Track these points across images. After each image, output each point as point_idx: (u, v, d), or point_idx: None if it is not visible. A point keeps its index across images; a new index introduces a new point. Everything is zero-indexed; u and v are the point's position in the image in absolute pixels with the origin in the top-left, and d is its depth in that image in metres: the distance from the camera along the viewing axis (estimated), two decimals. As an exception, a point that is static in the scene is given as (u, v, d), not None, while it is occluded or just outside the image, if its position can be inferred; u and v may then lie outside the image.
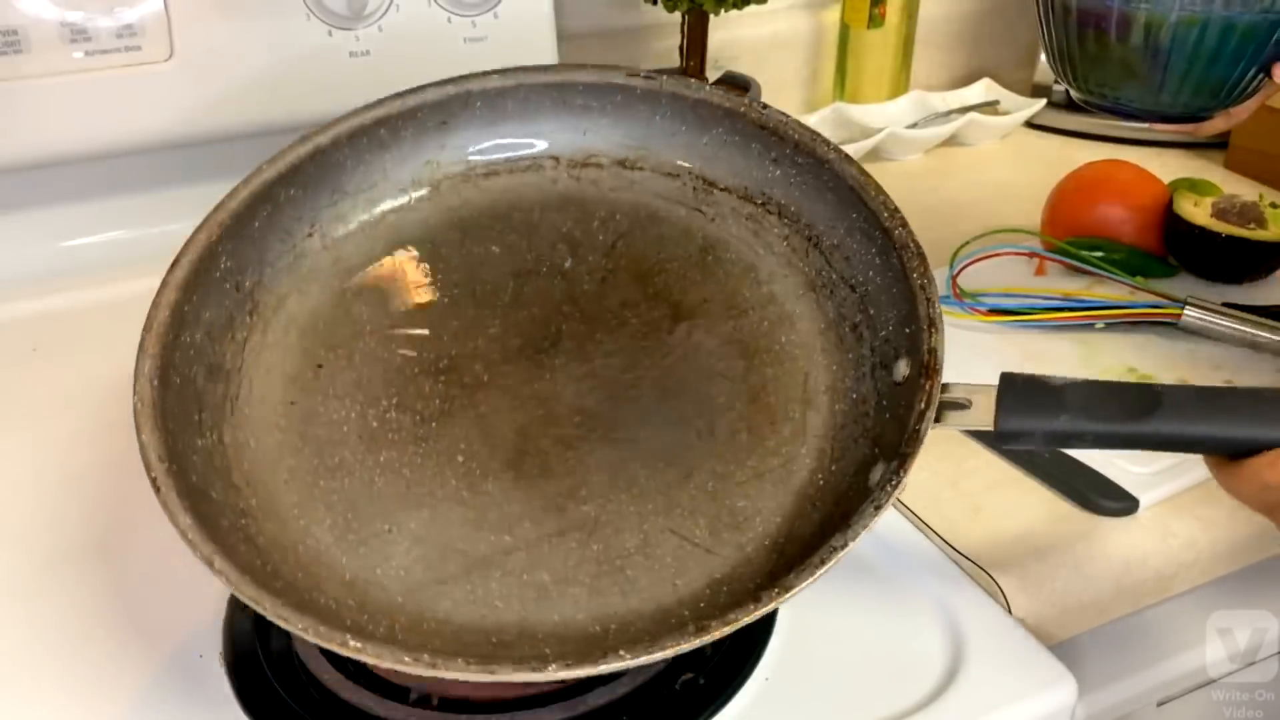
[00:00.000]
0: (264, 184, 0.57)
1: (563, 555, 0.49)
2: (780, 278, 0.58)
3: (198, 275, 0.53)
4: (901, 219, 0.53)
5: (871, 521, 0.45)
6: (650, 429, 0.54)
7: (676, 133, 0.61)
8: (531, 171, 0.62)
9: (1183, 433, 0.47)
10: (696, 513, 0.51)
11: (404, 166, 0.61)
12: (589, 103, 0.61)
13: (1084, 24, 0.68)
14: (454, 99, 0.60)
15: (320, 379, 0.54)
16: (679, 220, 0.60)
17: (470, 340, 0.56)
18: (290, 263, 0.57)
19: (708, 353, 0.56)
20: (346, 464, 0.52)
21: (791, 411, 0.54)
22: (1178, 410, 0.47)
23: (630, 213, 0.61)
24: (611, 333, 0.57)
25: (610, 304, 0.58)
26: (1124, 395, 0.48)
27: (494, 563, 0.49)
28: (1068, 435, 0.48)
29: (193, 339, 0.52)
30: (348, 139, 0.59)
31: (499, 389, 0.55)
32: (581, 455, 0.53)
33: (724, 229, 0.60)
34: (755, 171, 0.59)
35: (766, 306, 0.57)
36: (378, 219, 0.60)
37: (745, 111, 0.59)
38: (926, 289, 0.51)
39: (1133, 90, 0.69)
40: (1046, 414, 0.47)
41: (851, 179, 0.55)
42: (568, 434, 0.53)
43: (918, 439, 0.47)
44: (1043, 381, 0.48)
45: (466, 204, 0.61)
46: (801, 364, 0.55)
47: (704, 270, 0.59)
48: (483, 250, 0.60)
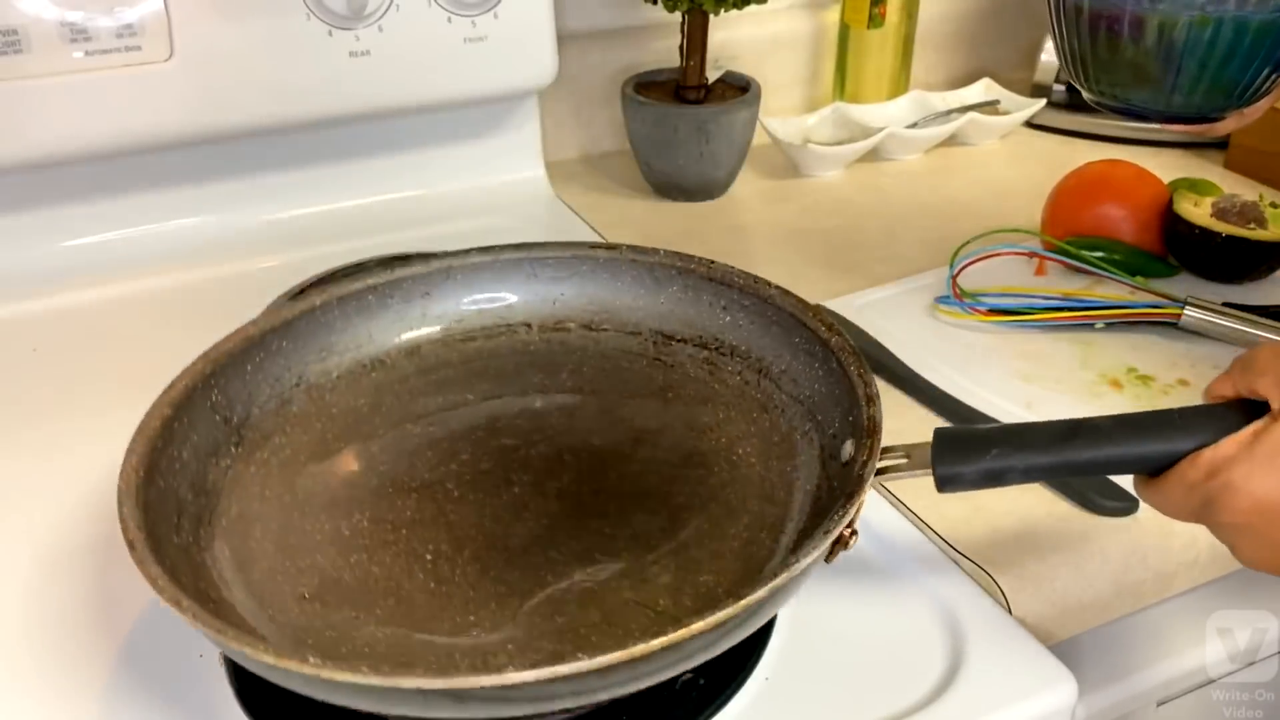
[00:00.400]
0: (260, 332, 0.62)
1: (526, 628, 0.51)
2: (735, 405, 0.64)
3: (190, 399, 0.57)
4: (838, 330, 0.60)
5: (804, 562, 0.47)
6: (613, 525, 0.57)
7: (637, 295, 0.68)
8: (505, 336, 0.69)
9: (1102, 455, 0.50)
10: (661, 588, 0.53)
11: (389, 330, 0.67)
12: (558, 274, 0.69)
13: (1096, 25, 0.68)
14: (436, 272, 0.68)
15: (298, 499, 0.58)
16: (641, 369, 0.67)
17: (442, 465, 0.60)
18: (276, 407, 0.62)
19: (668, 464, 0.60)
20: (317, 565, 0.54)
21: (750, 505, 0.58)
22: (1095, 435, 0.51)
23: (596, 364, 0.67)
24: (577, 454, 0.61)
25: (577, 431, 0.63)
26: (1045, 429, 0.52)
27: (459, 637, 0.51)
28: (999, 471, 0.51)
29: (179, 455, 0.55)
30: (338, 302, 0.65)
31: (468, 502, 0.58)
32: (546, 548, 0.55)
33: (682, 372, 0.66)
34: (707, 321, 0.67)
35: (723, 427, 0.62)
36: (361, 375, 0.65)
37: (696, 269, 0.67)
38: (863, 375, 0.56)
39: (1145, 91, 0.69)
40: (976, 455, 0.51)
41: (791, 308, 0.63)
42: (534, 531, 0.56)
43: (862, 483, 0.50)
44: (971, 429, 0.53)
45: (445, 364, 0.67)
46: (758, 469, 0.60)
47: (664, 403, 0.65)
48: (458, 396, 0.65)
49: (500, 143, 1.00)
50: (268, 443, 0.60)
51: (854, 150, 1.05)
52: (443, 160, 0.98)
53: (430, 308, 0.68)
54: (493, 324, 0.69)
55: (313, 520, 0.56)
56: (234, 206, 0.92)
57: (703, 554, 0.55)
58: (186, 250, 0.90)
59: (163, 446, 0.54)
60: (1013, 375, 0.74)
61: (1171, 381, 0.73)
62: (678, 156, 0.98)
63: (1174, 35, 0.65)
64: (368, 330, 0.66)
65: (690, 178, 0.99)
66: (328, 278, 0.85)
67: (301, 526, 0.56)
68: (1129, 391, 0.73)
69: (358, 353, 0.66)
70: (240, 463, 0.58)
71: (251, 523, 0.56)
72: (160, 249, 0.89)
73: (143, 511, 0.49)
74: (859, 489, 0.50)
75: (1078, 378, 0.74)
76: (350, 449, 0.61)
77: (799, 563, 0.46)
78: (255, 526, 0.56)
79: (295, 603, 0.52)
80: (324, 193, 0.95)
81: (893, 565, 0.59)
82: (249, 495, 0.57)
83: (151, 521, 0.50)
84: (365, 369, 0.66)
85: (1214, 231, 0.82)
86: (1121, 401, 0.72)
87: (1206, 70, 0.66)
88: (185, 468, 0.55)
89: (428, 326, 0.68)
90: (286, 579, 0.53)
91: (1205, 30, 0.64)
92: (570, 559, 0.54)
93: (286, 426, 0.61)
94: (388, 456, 0.61)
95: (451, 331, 0.68)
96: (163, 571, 0.46)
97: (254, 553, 0.54)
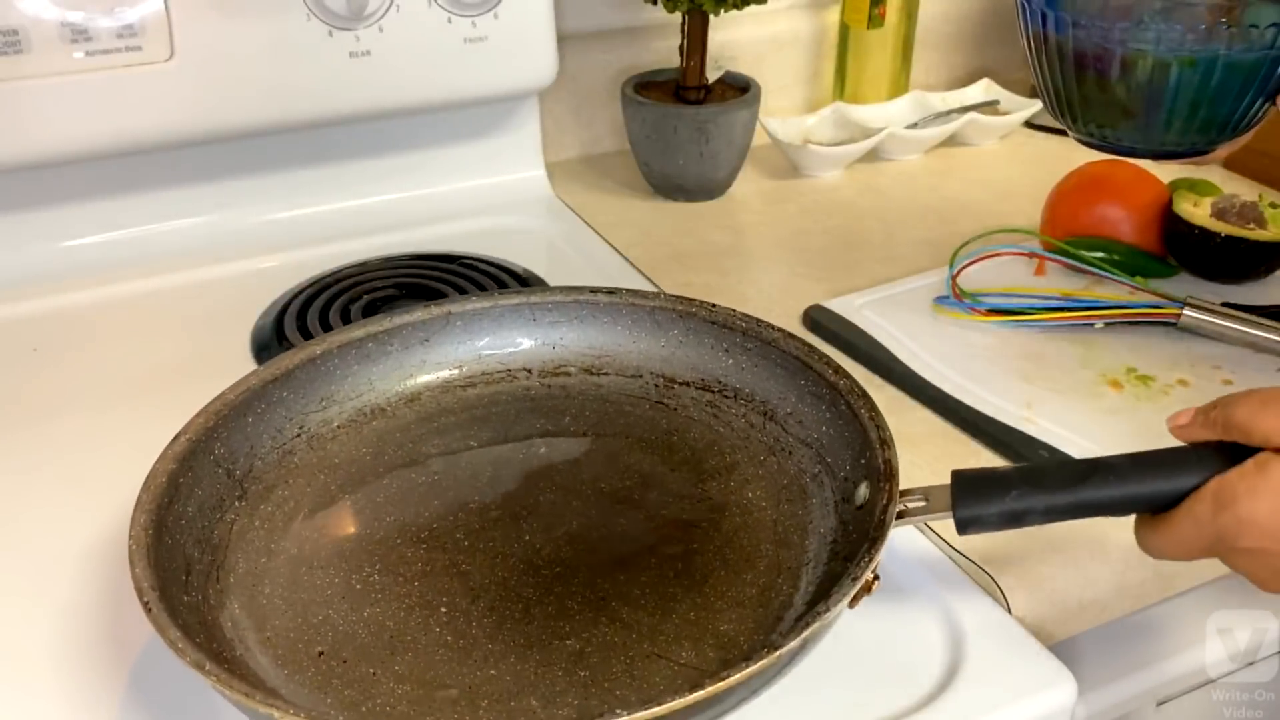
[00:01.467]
0: (261, 382, 0.62)
1: (549, 682, 0.50)
2: (741, 448, 0.63)
3: (194, 454, 0.57)
4: (845, 373, 0.60)
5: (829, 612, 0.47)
6: (628, 572, 0.56)
7: (638, 338, 0.68)
8: (506, 382, 0.69)
9: (1119, 493, 0.51)
10: (681, 638, 0.53)
11: (389, 378, 0.67)
12: (557, 319, 0.69)
13: (1082, 66, 0.67)
14: (436, 319, 0.68)
15: (304, 552, 0.57)
16: (644, 412, 0.67)
17: (450, 515, 0.60)
18: (278, 459, 0.62)
19: (679, 509, 0.60)
20: (330, 620, 0.54)
21: (765, 550, 0.57)
22: (1111, 472, 0.51)
23: (598, 408, 0.67)
24: (585, 499, 0.61)
25: (584, 477, 0.62)
26: (1063, 469, 0.53)
27: (480, 692, 0.50)
28: (1019, 513, 0.51)
29: (184, 510, 0.55)
30: (338, 350, 0.65)
31: (479, 550, 0.57)
32: (562, 598, 0.54)
33: (686, 415, 0.66)
34: (710, 364, 0.66)
35: (731, 472, 0.62)
36: (362, 424, 0.65)
37: (697, 312, 0.67)
38: (875, 418, 0.56)
39: (1135, 130, 0.68)
40: (996, 497, 0.51)
41: (795, 351, 0.63)
42: (548, 580, 0.56)
43: (884, 528, 0.50)
44: (989, 470, 0.53)
45: (446, 411, 0.67)
46: (769, 513, 0.59)
47: (670, 449, 0.64)
48: (461, 444, 0.65)
49: (500, 143, 1.00)
50: (271, 495, 0.60)
51: (854, 150, 1.05)
52: (443, 160, 0.98)
53: (430, 354, 0.68)
54: (493, 369, 0.68)
55: (322, 574, 0.56)
56: (234, 206, 0.92)
57: (721, 602, 0.54)
58: (186, 250, 0.90)
59: (169, 503, 0.53)
60: (1013, 375, 0.74)
61: (1171, 381, 0.74)
62: (678, 156, 0.98)
63: (1163, 76, 0.64)
64: (368, 378, 0.66)
65: (690, 178, 0.99)
66: (329, 279, 0.86)
67: (311, 581, 0.56)
68: (1129, 391, 0.73)
69: (358, 401, 0.65)
70: (244, 516, 0.58)
71: (260, 578, 0.55)
72: (160, 249, 0.90)
73: (155, 571, 0.49)
74: (881, 535, 0.50)
75: (1077, 378, 0.74)
76: (355, 499, 0.61)
77: (829, 611, 0.46)
78: (264, 582, 0.55)
79: (311, 660, 0.51)
80: (324, 193, 0.95)
81: (893, 565, 0.59)
82: (255, 550, 0.57)
83: (164, 581, 0.49)
84: (366, 417, 0.65)
85: (1213, 231, 0.82)
86: (1121, 401, 0.72)
87: (1198, 109, 0.65)
88: (191, 523, 0.55)
89: (428, 374, 0.68)
90: (300, 635, 0.53)
91: (1195, 70, 0.63)
92: (586, 609, 0.54)
93: (289, 478, 0.61)
94: (393, 507, 0.60)
95: (452, 378, 0.68)
96: (182, 634, 0.46)
97: (265, 609, 0.54)
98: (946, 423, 0.70)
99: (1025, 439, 0.68)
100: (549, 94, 1.01)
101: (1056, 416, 0.70)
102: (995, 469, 0.53)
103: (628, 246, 0.93)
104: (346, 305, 0.81)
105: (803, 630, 0.45)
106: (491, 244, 0.91)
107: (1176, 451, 0.51)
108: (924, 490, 0.53)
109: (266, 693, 0.47)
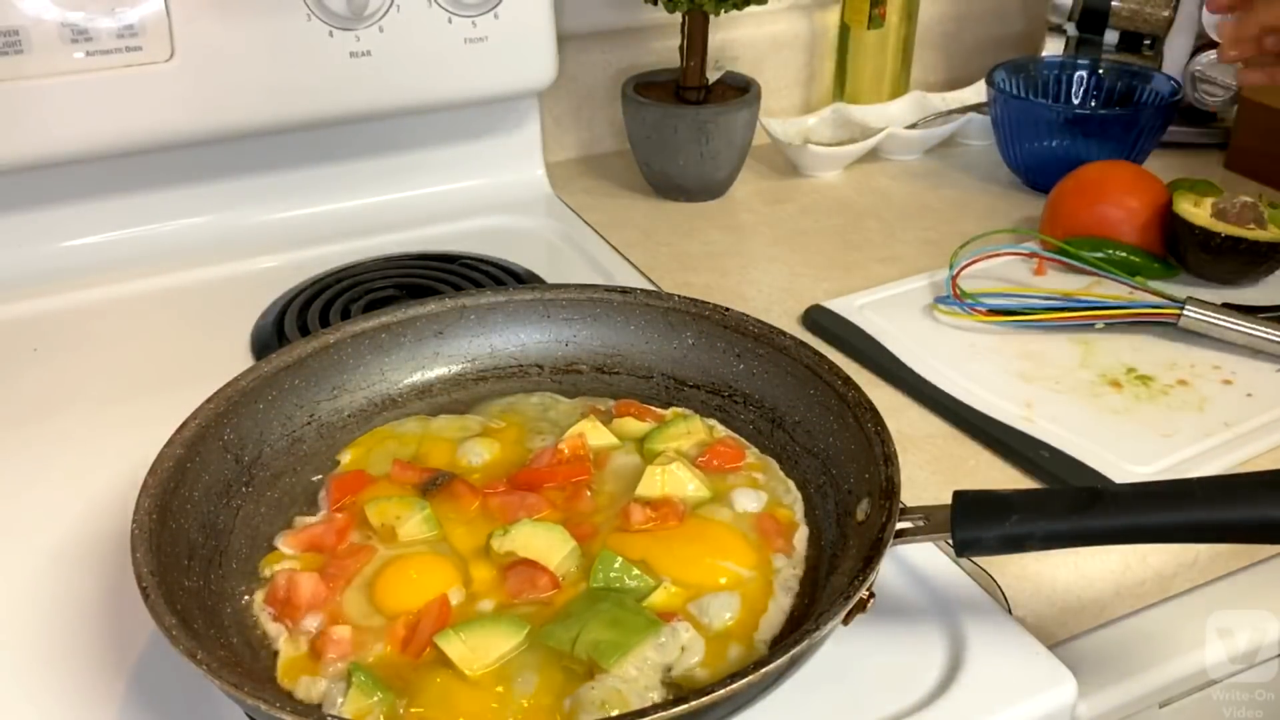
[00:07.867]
0: (274, 370, 0.62)
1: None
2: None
3: (203, 439, 0.57)
4: (854, 385, 0.59)
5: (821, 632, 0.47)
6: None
7: (650, 339, 0.68)
8: (517, 377, 0.68)
9: (1121, 523, 0.50)
10: None
11: (401, 369, 0.67)
12: (570, 316, 0.69)
13: None
14: (450, 311, 0.68)
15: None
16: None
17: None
18: (287, 445, 0.62)
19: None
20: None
21: None
22: (1114, 502, 0.50)
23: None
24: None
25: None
26: (1065, 495, 0.52)
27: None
28: (1019, 538, 0.51)
29: (190, 494, 0.55)
30: (351, 340, 0.65)
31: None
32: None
33: None
34: (721, 368, 0.66)
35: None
36: (372, 414, 0.65)
37: (710, 315, 0.66)
38: (880, 433, 0.56)
39: None
40: (996, 521, 0.51)
41: (807, 360, 0.62)
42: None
43: (881, 547, 0.50)
44: (991, 493, 0.52)
45: (456, 402, 0.67)
46: None
47: None
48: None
49: (500, 143, 1.00)
50: (278, 482, 0.60)
51: (854, 151, 1.05)
52: (443, 160, 0.98)
53: (443, 347, 0.68)
54: (505, 364, 0.68)
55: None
56: (234, 206, 0.92)
57: None
58: (186, 250, 0.90)
59: (175, 487, 0.54)
60: (1013, 375, 0.74)
61: (1171, 382, 0.74)
62: (678, 156, 0.98)
63: None
64: (380, 368, 0.66)
65: (690, 178, 0.99)
66: (329, 278, 0.85)
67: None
68: (1128, 391, 0.73)
69: (370, 391, 0.66)
70: (250, 503, 0.58)
71: (260, 564, 0.55)
72: (160, 249, 0.90)
73: (156, 556, 0.49)
74: (877, 554, 0.49)
75: (1077, 378, 0.74)
76: None
77: (819, 630, 0.46)
78: (263, 568, 0.55)
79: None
80: (324, 193, 0.95)
81: (892, 564, 0.59)
82: (258, 537, 0.57)
83: (164, 567, 0.49)
84: (377, 408, 0.65)
85: (1213, 232, 0.82)
86: (1121, 401, 0.72)
87: None
88: (196, 508, 0.55)
89: (440, 366, 0.68)
90: None
91: None
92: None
93: (297, 465, 0.61)
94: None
95: (464, 372, 0.68)
96: (179, 622, 0.46)
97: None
98: (946, 423, 0.70)
99: (1025, 439, 0.68)
100: (549, 94, 1.01)
101: (1056, 416, 0.70)
102: (997, 491, 0.53)
103: (628, 246, 0.93)
104: (346, 305, 0.81)
105: (791, 648, 0.45)
106: (491, 244, 0.91)
107: (1179, 484, 0.51)
108: (925, 510, 0.53)
109: (259, 683, 0.47)
